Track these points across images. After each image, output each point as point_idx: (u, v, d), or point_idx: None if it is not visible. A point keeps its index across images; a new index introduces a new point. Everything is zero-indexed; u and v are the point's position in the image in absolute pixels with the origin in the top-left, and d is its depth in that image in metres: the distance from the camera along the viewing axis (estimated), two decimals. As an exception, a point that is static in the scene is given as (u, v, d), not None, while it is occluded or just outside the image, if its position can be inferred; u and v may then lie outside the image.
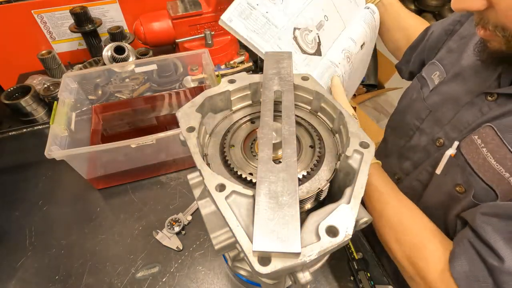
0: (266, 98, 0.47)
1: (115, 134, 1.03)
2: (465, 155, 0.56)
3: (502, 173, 0.51)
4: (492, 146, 0.52)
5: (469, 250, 0.50)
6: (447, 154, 0.59)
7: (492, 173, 0.52)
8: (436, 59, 0.75)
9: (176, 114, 0.46)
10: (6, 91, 1.08)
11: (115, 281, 0.71)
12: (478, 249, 0.49)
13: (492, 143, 0.52)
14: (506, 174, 0.50)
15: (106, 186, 0.90)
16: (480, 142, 0.54)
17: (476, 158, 0.54)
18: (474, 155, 0.55)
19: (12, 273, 0.73)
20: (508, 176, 0.50)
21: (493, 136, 0.52)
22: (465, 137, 0.57)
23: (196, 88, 1.13)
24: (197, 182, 0.47)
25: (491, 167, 0.52)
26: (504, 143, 0.51)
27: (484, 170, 0.53)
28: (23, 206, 0.87)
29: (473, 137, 0.56)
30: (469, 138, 0.56)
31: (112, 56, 1.10)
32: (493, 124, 0.53)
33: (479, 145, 0.54)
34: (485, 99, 0.58)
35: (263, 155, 0.39)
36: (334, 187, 0.45)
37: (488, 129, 0.54)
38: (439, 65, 0.73)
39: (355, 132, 0.42)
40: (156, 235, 0.78)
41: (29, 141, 1.05)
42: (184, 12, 1.15)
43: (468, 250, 0.50)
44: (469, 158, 0.55)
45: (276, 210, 0.33)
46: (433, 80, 0.73)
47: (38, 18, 1.27)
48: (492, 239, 0.47)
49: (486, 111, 0.57)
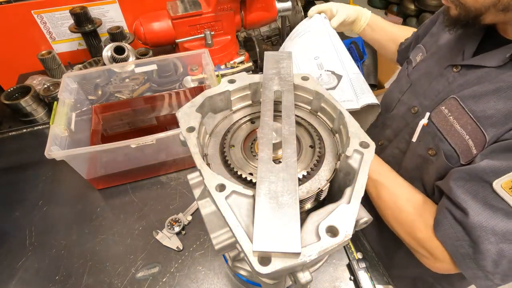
0: (266, 98, 0.47)
1: (115, 134, 1.03)
2: (435, 123, 0.65)
3: (464, 135, 0.60)
4: (457, 114, 0.61)
5: (447, 216, 0.58)
6: (420, 123, 0.68)
7: (456, 137, 0.61)
8: (421, 42, 0.85)
9: (176, 114, 0.46)
10: (6, 91, 1.08)
11: (115, 281, 0.71)
12: (454, 214, 0.57)
13: (456, 112, 0.62)
14: (466, 136, 0.60)
15: (106, 186, 0.90)
16: (447, 112, 0.63)
17: (444, 125, 0.64)
18: (443, 123, 0.64)
19: (12, 273, 0.73)
20: (468, 138, 0.59)
21: (457, 105, 0.62)
22: (435, 108, 0.66)
23: (196, 88, 1.13)
24: (197, 182, 0.47)
25: (456, 132, 0.61)
26: (465, 111, 0.60)
27: (451, 135, 0.62)
28: (23, 207, 0.87)
29: (441, 108, 0.65)
30: (438, 109, 0.65)
31: (112, 56, 1.10)
32: (456, 96, 0.62)
33: (446, 114, 0.63)
34: (452, 71, 0.67)
35: (263, 155, 0.39)
36: (334, 187, 0.45)
37: (453, 100, 0.63)
38: (422, 47, 0.82)
39: (355, 132, 0.42)
40: (156, 235, 0.78)
41: (29, 141, 1.06)
42: (184, 12, 1.15)
43: (447, 216, 0.58)
44: (440, 126, 0.65)
45: (276, 210, 0.33)
46: (416, 60, 0.83)
47: (38, 18, 1.27)
48: (463, 200, 0.55)
49: (452, 80, 0.66)
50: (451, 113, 0.62)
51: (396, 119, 0.80)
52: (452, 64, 0.67)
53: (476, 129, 0.58)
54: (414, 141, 0.71)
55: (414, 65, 0.82)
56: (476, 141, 0.58)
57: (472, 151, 0.59)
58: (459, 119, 0.61)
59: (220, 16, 1.19)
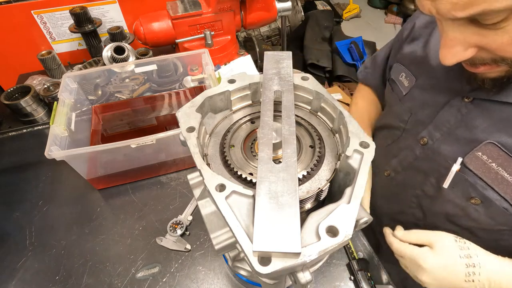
0: (266, 98, 0.47)
1: (115, 134, 1.03)
2: (473, 170, 0.59)
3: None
4: (501, 161, 0.55)
5: None
6: (453, 170, 0.61)
7: (506, 185, 0.55)
8: (398, 61, 0.80)
9: (176, 114, 0.46)
10: (6, 91, 1.08)
11: (115, 281, 0.71)
12: None
13: (500, 158, 0.55)
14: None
15: (106, 186, 0.90)
16: (486, 158, 0.57)
17: (486, 173, 0.57)
18: (484, 170, 0.57)
19: (12, 274, 0.73)
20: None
21: (498, 151, 0.55)
22: (468, 154, 0.59)
23: (196, 88, 1.13)
24: (197, 182, 0.47)
25: (504, 180, 0.55)
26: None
27: (498, 183, 0.56)
28: (23, 207, 0.87)
29: (477, 154, 0.58)
30: (473, 155, 0.58)
31: (112, 56, 1.10)
32: (495, 141, 0.55)
33: (485, 160, 0.57)
34: (462, 101, 0.61)
35: (263, 155, 0.39)
36: (334, 187, 0.45)
37: (491, 146, 0.56)
38: (402, 66, 0.77)
39: (355, 132, 0.42)
40: (160, 241, 0.77)
41: (29, 142, 1.05)
42: (184, 12, 1.15)
43: None
44: (480, 173, 0.58)
45: (276, 210, 0.33)
46: (401, 82, 0.77)
47: (38, 19, 1.27)
48: None
49: (466, 112, 0.60)
50: (493, 159, 0.56)
51: (402, 149, 0.74)
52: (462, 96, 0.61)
53: None
54: (446, 188, 0.64)
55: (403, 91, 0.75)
56: None
57: None
58: (506, 166, 0.54)
59: (220, 16, 1.19)
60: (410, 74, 0.75)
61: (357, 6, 3.84)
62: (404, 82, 0.76)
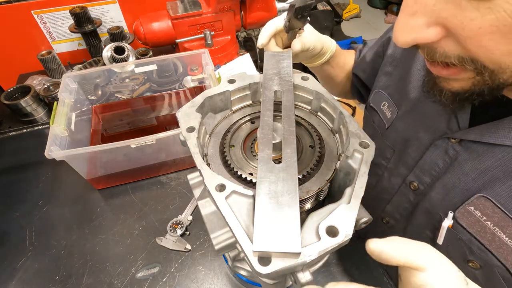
0: (266, 98, 0.46)
1: (115, 134, 1.03)
2: (467, 228, 0.49)
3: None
4: (497, 219, 0.45)
5: None
6: (444, 226, 0.51)
7: (506, 250, 0.45)
8: (379, 87, 0.69)
9: (176, 114, 0.46)
10: (6, 91, 1.08)
11: (115, 281, 0.71)
12: None
13: (495, 217, 0.45)
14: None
15: (106, 186, 0.90)
16: (480, 214, 0.47)
17: (482, 232, 0.47)
18: (479, 228, 0.47)
19: (12, 274, 0.73)
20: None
21: (493, 208, 0.45)
22: (459, 208, 0.49)
23: (196, 88, 1.13)
24: (197, 182, 0.47)
25: (504, 244, 0.45)
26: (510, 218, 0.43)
27: (496, 247, 0.46)
28: (23, 207, 0.87)
29: (469, 209, 0.48)
30: (465, 210, 0.49)
31: (112, 56, 1.10)
32: (487, 195, 0.45)
33: (479, 217, 0.47)
34: (449, 141, 0.51)
35: (263, 155, 0.39)
36: (334, 187, 0.45)
37: (483, 200, 0.46)
38: (384, 94, 0.67)
39: (355, 132, 0.42)
40: (160, 242, 0.77)
41: (29, 142, 1.05)
42: (184, 12, 1.15)
43: None
44: (474, 233, 0.48)
45: (276, 210, 0.33)
46: (383, 112, 0.67)
47: (38, 19, 1.27)
48: None
49: (454, 155, 0.51)
50: (487, 217, 0.46)
51: (392, 192, 0.65)
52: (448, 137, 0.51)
53: None
54: (441, 244, 0.53)
55: (386, 123, 0.65)
56: None
57: None
58: (504, 227, 0.44)
59: (220, 16, 1.19)
60: (392, 104, 0.63)
61: (357, 6, 3.84)
62: (387, 112, 0.65)
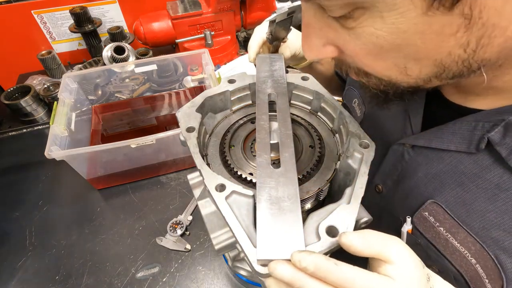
0: (260, 102, 0.46)
1: (115, 134, 1.03)
2: (423, 233, 0.48)
3: (468, 258, 0.42)
4: (449, 226, 0.44)
5: None
6: (403, 231, 0.50)
7: (459, 257, 0.43)
8: (351, 83, 0.69)
9: (176, 114, 0.46)
10: (6, 91, 1.08)
11: (115, 281, 0.71)
12: None
13: (447, 223, 0.44)
14: (472, 260, 0.41)
15: (106, 186, 0.90)
16: (433, 220, 0.46)
17: (436, 238, 0.46)
18: (434, 234, 0.46)
19: (12, 273, 0.73)
20: (475, 263, 0.41)
21: (444, 214, 0.44)
22: (416, 213, 0.48)
23: (196, 88, 1.13)
24: (197, 182, 0.47)
25: (456, 250, 0.43)
26: (459, 224, 0.42)
27: (451, 253, 0.44)
28: (23, 207, 0.87)
29: (423, 214, 0.47)
30: (420, 215, 0.48)
31: (112, 56, 1.10)
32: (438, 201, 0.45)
33: (433, 223, 0.46)
34: (404, 146, 0.51)
35: (261, 160, 0.39)
36: (334, 187, 0.45)
37: (436, 206, 0.45)
38: (355, 91, 0.66)
39: (355, 132, 0.42)
40: (160, 241, 0.77)
41: (29, 142, 1.05)
42: (184, 12, 1.15)
43: None
44: (430, 237, 0.47)
45: (278, 216, 0.33)
46: (355, 109, 0.66)
47: (38, 18, 1.27)
48: None
49: (409, 159, 0.50)
50: (440, 223, 0.45)
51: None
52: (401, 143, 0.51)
53: (482, 252, 0.40)
54: None
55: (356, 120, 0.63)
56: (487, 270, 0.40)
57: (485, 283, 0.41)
58: (455, 233, 0.43)
59: (220, 16, 1.19)
60: (361, 103, 0.62)
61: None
62: (357, 110, 0.64)
